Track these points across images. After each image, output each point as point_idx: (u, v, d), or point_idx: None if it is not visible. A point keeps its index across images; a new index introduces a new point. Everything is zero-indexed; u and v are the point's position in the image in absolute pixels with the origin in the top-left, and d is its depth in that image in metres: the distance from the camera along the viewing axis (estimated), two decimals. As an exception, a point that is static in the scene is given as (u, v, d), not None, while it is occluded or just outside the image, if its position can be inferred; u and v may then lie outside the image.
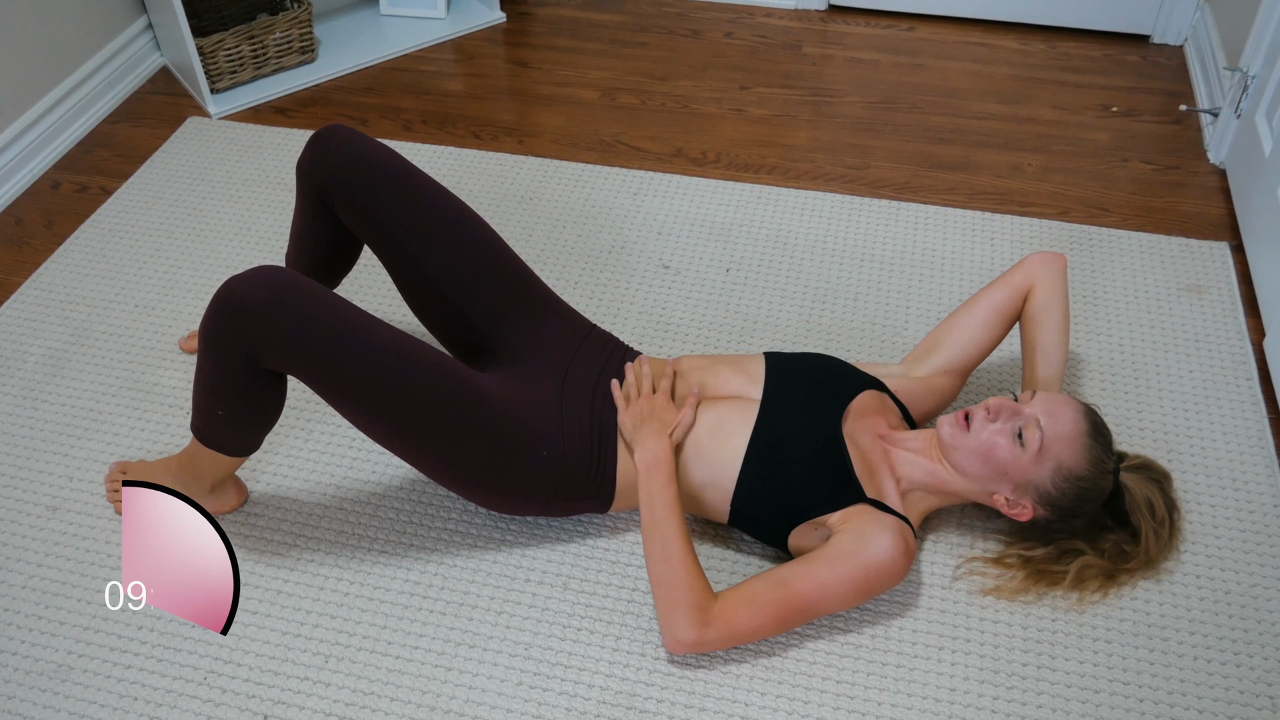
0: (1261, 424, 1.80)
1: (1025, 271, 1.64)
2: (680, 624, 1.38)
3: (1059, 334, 1.62)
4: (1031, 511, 1.47)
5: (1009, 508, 1.48)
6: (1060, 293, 1.63)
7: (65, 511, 1.68)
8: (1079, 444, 1.42)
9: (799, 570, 1.40)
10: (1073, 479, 1.43)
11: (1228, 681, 1.45)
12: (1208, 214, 2.27)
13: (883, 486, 1.48)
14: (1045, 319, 1.62)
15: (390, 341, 1.39)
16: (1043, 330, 1.62)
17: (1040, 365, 1.62)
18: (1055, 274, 1.63)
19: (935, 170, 2.41)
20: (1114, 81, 2.69)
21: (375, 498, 1.70)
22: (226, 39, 2.55)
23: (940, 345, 1.66)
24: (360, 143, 1.60)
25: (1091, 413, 1.46)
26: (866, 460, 1.49)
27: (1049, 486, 1.44)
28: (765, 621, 1.39)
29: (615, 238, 2.21)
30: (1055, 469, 1.42)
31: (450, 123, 2.58)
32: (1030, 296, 1.64)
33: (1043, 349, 1.62)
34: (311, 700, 1.44)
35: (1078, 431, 1.43)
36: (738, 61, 2.80)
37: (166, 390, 1.88)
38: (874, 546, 1.39)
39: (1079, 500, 1.45)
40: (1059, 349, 1.62)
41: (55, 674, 1.47)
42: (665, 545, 1.41)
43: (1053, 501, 1.45)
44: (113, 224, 2.26)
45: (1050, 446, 1.42)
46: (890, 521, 1.42)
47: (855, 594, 1.40)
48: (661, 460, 1.47)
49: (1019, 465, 1.43)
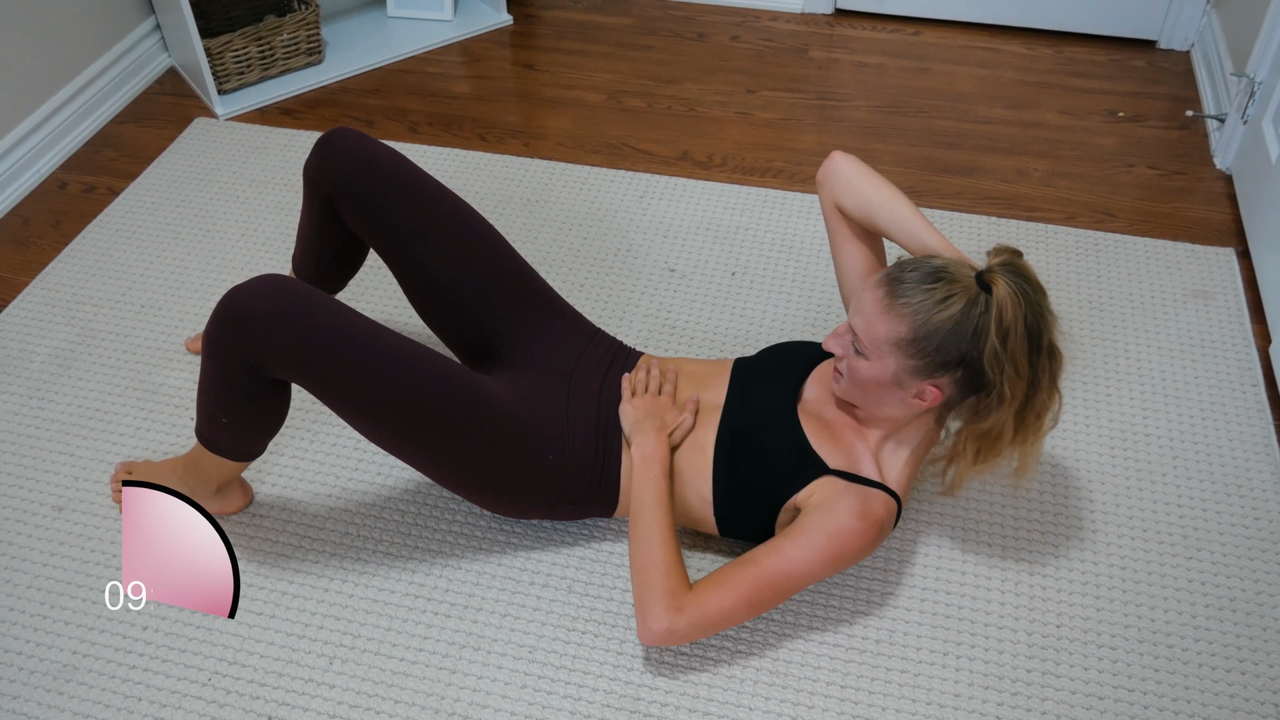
0: (1267, 430, 1.79)
1: (823, 194, 1.55)
2: (653, 611, 1.36)
3: (889, 206, 1.46)
4: (934, 390, 1.36)
5: (922, 401, 1.38)
6: (857, 179, 1.49)
7: (71, 511, 1.68)
8: (886, 314, 1.32)
9: (765, 548, 1.39)
10: (909, 342, 1.32)
11: (1232, 689, 1.45)
12: (1213, 220, 2.26)
13: (854, 454, 1.45)
14: (868, 210, 1.48)
15: (393, 348, 1.39)
16: (877, 218, 1.48)
17: (905, 240, 1.45)
18: (842, 170, 1.51)
19: (941, 174, 2.41)
20: (1120, 87, 2.69)
21: (380, 500, 1.70)
22: (234, 40, 2.56)
23: (847, 298, 1.59)
24: (367, 146, 1.60)
25: (890, 273, 1.35)
26: (830, 430, 1.47)
27: (907, 362, 1.34)
28: (735, 602, 1.37)
29: (621, 241, 2.22)
30: (892, 348, 1.33)
31: (456, 125, 2.58)
32: (841, 206, 1.52)
33: (890, 229, 1.47)
34: (315, 702, 1.44)
35: (878, 305, 1.33)
36: (744, 65, 2.81)
37: (172, 390, 1.88)
38: (836, 513, 1.38)
39: (943, 349, 1.31)
40: (901, 215, 1.45)
41: (60, 674, 1.47)
42: (649, 532, 1.41)
43: (929, 370, 1.33)
44: (119, 224, 2.26)
45: (870, 338, 1.34)
46: (855, 489, 1.40)
47: (822, 564, 1.38)
48: (658, 455, 1.47)
49: (874, 372, 1.36)
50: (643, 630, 1.38)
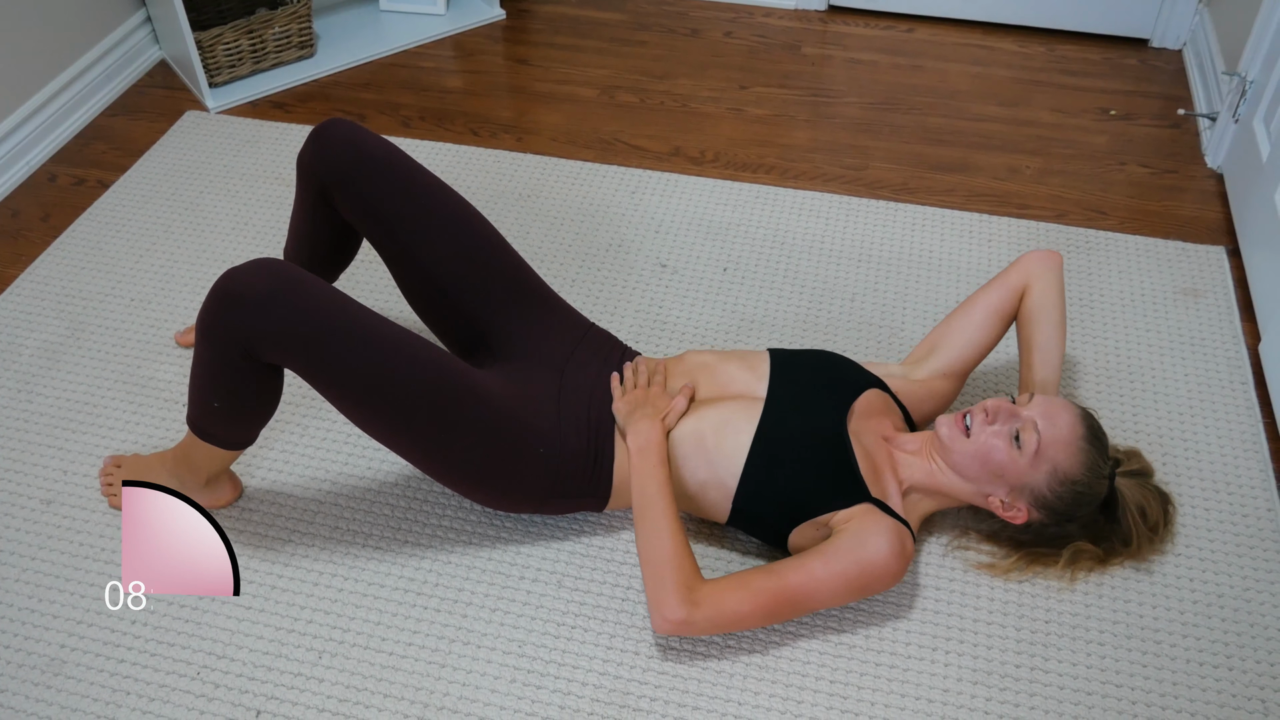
0: (1256, 428, 1.80)
1: (1021, 271, 1.64)
2: (669, 602, 1.37)
3: (1055, 333, 1.62)
4: (1026, 515, 1.47)
5: (1004, 510, 1.48)
6: (1056, 291, 1.62)
7: (59, 505, 1.68)
8: (1075, 448, 1.42)
9: (794, 562, 1.40)
10: (1068, 483, 1.43)
11: (1220, 684, 1.46)
12: (1205, 218, 2.27)
13: (886, 487, 1.48)
14: (1041, 318, 1.62)
15: (388, 336, 1.38)
16: (1039, 330, 1.62)
17: (1037, 365, 1.62)
18: (1051, 272, 1.63)
19: (933, 171, 2.41)
20: (1112, 85, 2.69)
21: (370, 494, 1.70)
22: (225, 33, 2.55)
23: (939, 347, 1.66)
24: (362, 137, 1.60)
25: (1089, 417, 1.46)
26: (871, 460, 1.49)
27: (1044, 490, 1.44)
28: (754, 609, 1.38)
29: (613, 236, 2.21)
30: (1051, 473, 1.43)
31: (449, 119, 2.58)
32: (1026, 296, 1.63)
33: (1039, 349, 1.62)
34: (305, 696, 1.44)
35: (1074, 436, 1.43)
36: (737, 61, 2.80)
37: (162, 384, 1.88)
38: (871, 546, 1.39)
39: (1074, 505, 1.45)
40: (1055, 348, 1.62)
41: (48, 668, 1.47)
42: (656, 524, 1.41)
43: (1048, 505, 1.45)
44: (109, 217, 2.25)
45: (1046, 450, 1.42)
46: (891, 523, 1.42)
47: (846, 591, 1.40)
48: (654, 443, 1.47)
49: (1015, 468, 1.43)
50: (657, 619, 1.38)
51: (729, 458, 1.49)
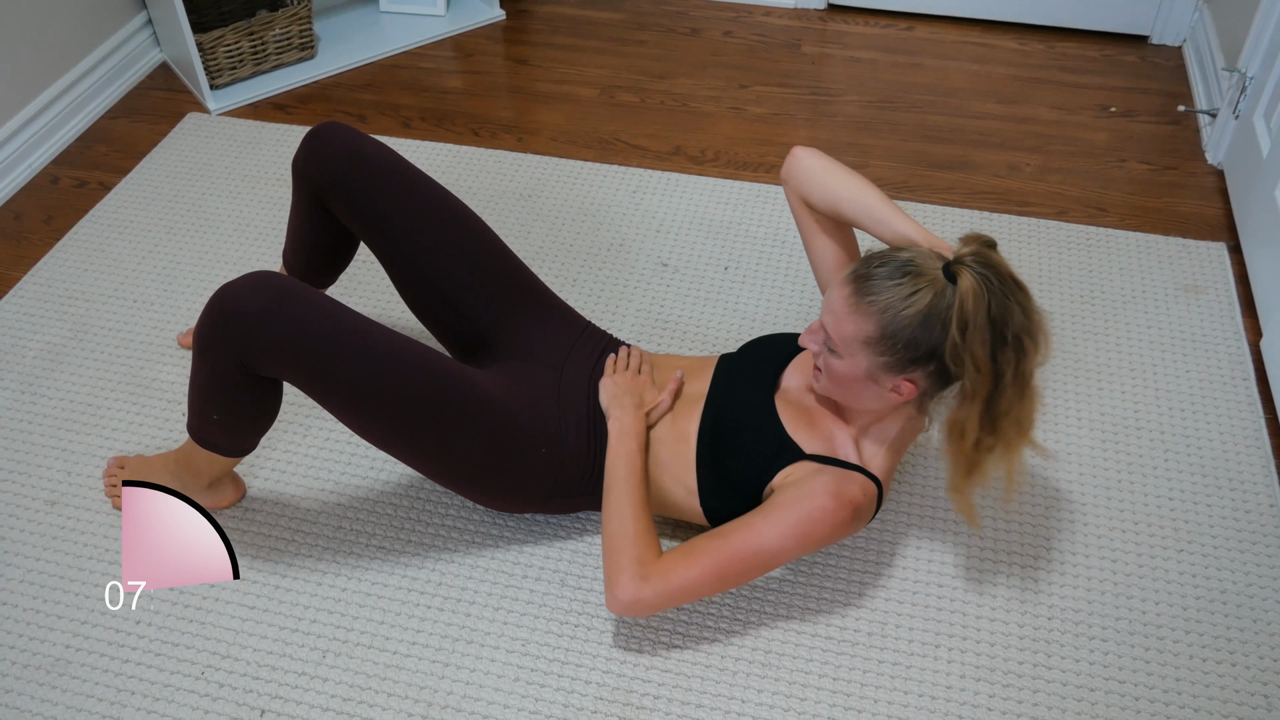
0: (1258, 424, 1.80)
1: (788, 192, 1.55)
2: (620, 580, 1.36)
3: (857, 197, 1.45)
4: (909, 384, 1.35)
5: (899, 396, 1.37)
6: (821, 173, 1.49)
7: (63, 506, 1.68)
8: (854, 312, 1.31)
9: (737, 522, 1.39)
10: (878, 339, 1.31)
11: (1223, 681, 1.46)
12: (1205, 214, 2.27)
13: (833, 440, 1.45)
14: (835, 203, 1.47)
15: (385, 344, 1.38)
16: (845, 210, 1.47)
17: (878, 229, 1.44)
18: (805, 165, 1.50)
19: (933, 169, 2.41)
20: (1112, 82, 2.69)
21: (373, 494, 1.70)
22: (226, 35, 2.55)
23: (824, 284, 1.58)
24: (356, 140, 1.60)
25: (857, 269, 1.33)
26: (809, 416, 1.46)
27: (878, 358, 1.33)
28: (703, 574, 1.36)
29: (614, 235, 2.22)
30: (862, 346, 1.32)
31: (449, 120, 2.58)
32: (809, 201, 1.52)
33: (862, 219, 1.45)
34: (309, 695, 1.44)
35: (845, 304, 1.32)
36: (737, 60, 2.81)
37: (165, 385, 1.88)
38: (808, 495, 1.37)
39: (911, 344, 1.29)
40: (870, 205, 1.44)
41: (53, 668, 1.47)
42: (621, 503, 1.42)
43: (901, 365, 1.32)
44: (111, 219, 2.26)
45: (840, 336, 1.33)
46: (833, 471, 1.40)
47: (794, 540, 1.36)
48: (633, 430, 1.48)
49: (846, 367, 1.35)
50: (610, 599, 1.37)
51: (683, 462, 1.50)
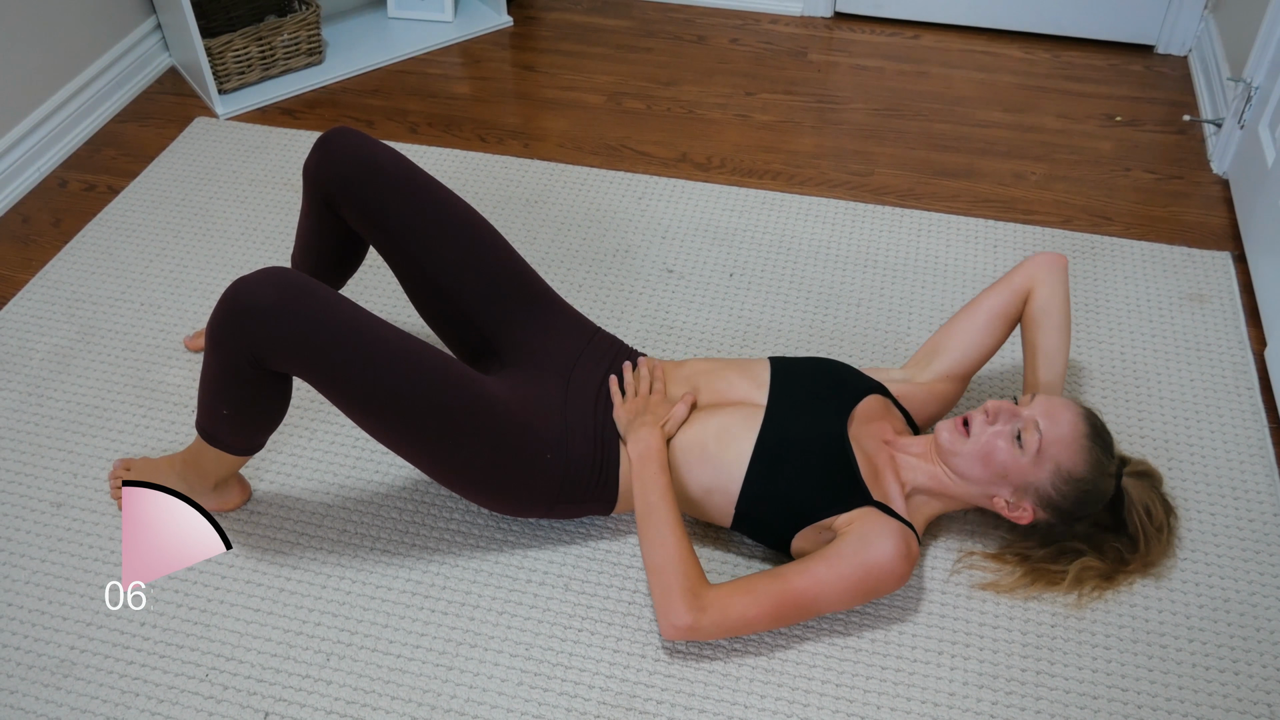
0: (1262, 433, 1.80)
1: (1025, 273, 1.65)
2: (675, 608, 1.38)
3: (1060, 337, 1.62)
4: (1032, 514, 1.47)
5: (1009, 510, 1.48)
6: (1061, 294, 1.63)
7: (69, 508, 1.69)
8: (1078, 445, 1.43)
9: (799, 566, 1.41)
10: (1072, 481, 1.43)
11: (1225, 689, 1.46)
12: (1210, 224, 2.27)
13: (888, 491, 1.49)
14: (1046, 322, 1.62)
15: (396, 344, 1.39)
16: (1043, 333, 1.62)
17: (1042, 369, 1.62)
18: (1056, 275, 1.63)
19: (939, 177, 2.41)
20: (1118, 91, 2.70)
21: (378, 497, 1.70)
22: (235, 40, 2.56)
23: (941, 350, 1.66)
24: (367, 145, 1.61)
25: (1092, 416, 1.47)
26: (872, 464, 1.49)
27: (1049, 489, 1.44)
28: (760, 613, 1.39)
29: (619, 241, 2.22)
30: (1054, 471, 1.43)
31: (456, 125, 2.59)
32: (1031, 299, 1.64)
33: (1044, 352, 1.62)
34: (313, 698, 1.44)
35: (1077, 434, 1.43)
36: (743, 67, 2.81)
37: (171, 388, 1.89)
38: (876, 548, 1.40)
39: (1079, 503, 1.46)
40: (1060, 352, 1.62)
41: (57, 669, 1.48)
42: (660, 530, 1.42)
43: (1053, 504, 1.46)
44: (119, 223, 2.27)
45: (1049, 448, 1.42)
46: (894, 525, 1.42)
47: (852, 594, 1.41)
48: (654, 450, 1.48)
49: (1018, 467, 1.44)
50: (665, 625, 1.39)
51: (731, 464, 1.49)
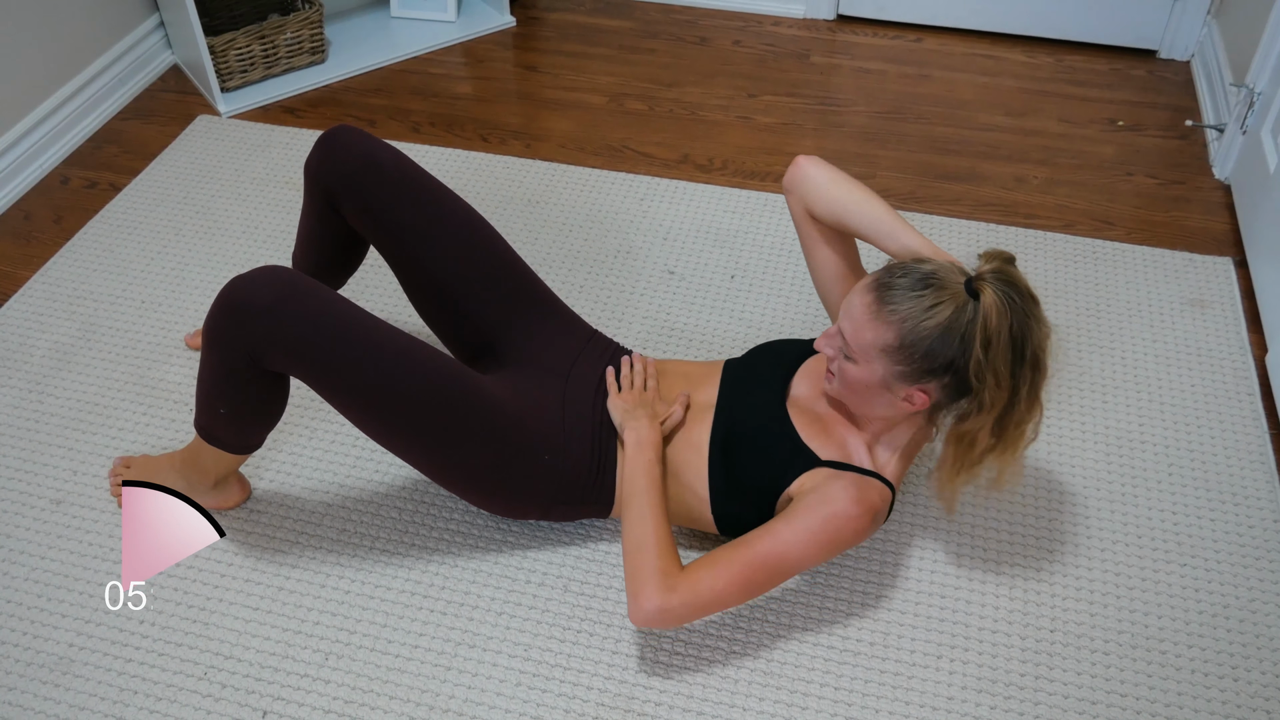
0: (1262, 439, 1.80)
1: (791, 201, 1.56)
2: (645, 590, 1.36)
3: (864, 209, 1.47)
4: (922, 394, 1.37)
5: (910, 405, 1.39)
6: (827, 183, 1.50)
7: (69, 505, 1.69)
8: (874, 320, 1.32)
9: (760, 531, 1.40)
10: (897, 348, 1.32)
11: (1225, 695, 1.46)
12: (1212, 229, 2.27)
13: (846, 446, 1.46)
14: (841, 214, 1.49)
15: (393, 343, 1.39)
16: (851, 222, 1.48)
17: (883, 242, 1.46)
18: (811, 174, 1.51)
19: (940, 181, 2.41)
20: (1120, 96, 2.70)
21: (378, 497, 1.70)
22: (237, 38, 2.56)
23: (826, 303, 1.61)
24: (369, 144, 1.61)
25: (879, 278, 1.34)
26: (822, 423, 1.47)
27: (894, 367, 1.34)
28: (729, 583, 1.37)
29: (621, 243, 2.22)
30: (879, 354, 1.33)
31: (458, 125, 2.59)
32: (813, 212, 1.53)
33: (867, 232, 1.47)
34: (311, 697, 1.44)
35: (866, 312, 1.33)
36: (745, 69, 2.81)
37: (172, 386, 1.89)
38: (829, 500, 1.38)
39: (929, 356, 1.31)
40: (878, 217, 1.46)
41: (56, 666, 1.48)
42: (641, 513, 1.42)
43: (918, 373, 1.33)
44: (121, 220, 2.27)
45: (858, 341, 1.34)
46: (850, 477, 1.41)
47: (818, 546, 1.38)
48: (650, 440, 1.48)
49: (862, 376, 1.37)
50: (634, 610, 1.37)
51: (694, 470, 1.50)
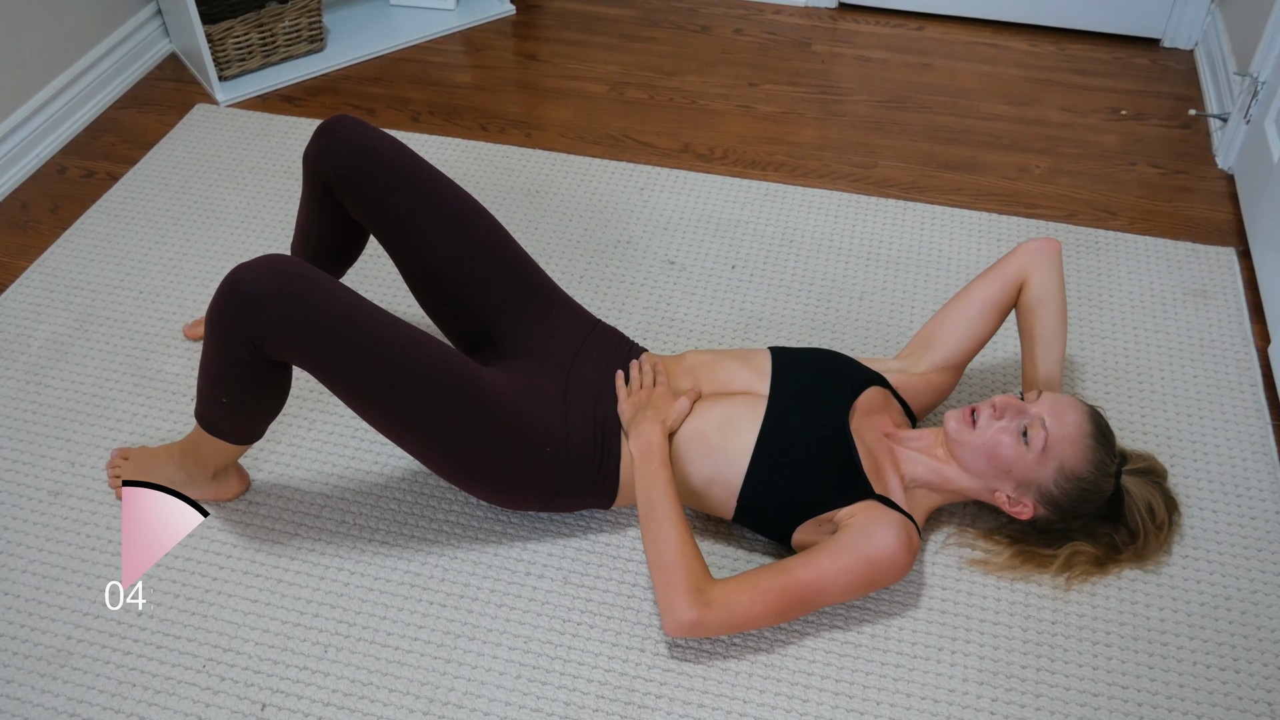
0: (1265, 430, 1.79)
1: (1019, 261, 1.63)
2: (679, 604, 1.37)
3: (1057, 325, 1.60)
4: (1033, 510, 1.47)
5: (1010, 505, 1.48)
6: (1056, 281, 1.60)
7: (66, 497, 1.68)
8: (1082, 444, 1.43)
9: (802, 560, 1.41)
10: (1075, 479, 1.43)
11: (1226, 687, 1.45)
12: (1215, 219, 2.26)
13: (888, 483, 1.48)
14: (1042, 310, 1.60)
15: (396, 334, 1.39)
16: (1040, 321, 1.61)
17: (1040, 359, 1.61)
18: (1050, 261, 1.61)
19: (942, 170, 2.40)
20: (1123, 85, 2.68)
21: (377, 488, 1.70)
22: (235, 26, 2.55)
23: (935, 340, 1.65)
24: (368, 134, 1.60)
25: (1096, 415, 1.47)
26: (873, 457, 1.49)
27: (1051, 486, 1.44)
28: (765, 608, 1.39)
29: (621, 232, 2.21)
30: (1058, 469, 1.43)
31: (458, 114, 2.58)
32: (1025, 287, 1.62)
33: (1041, 342, 1.61)
34: (310, 690, 1.44)
35: (1081, 433, 1.43)
36: (746, 58, 2.80)
37: (169, 377, 1.88)
38: (877, 540, 1.40)
39: (1080, 501, 1.46)
40: (1057, 340, 1.61)
41: (54, 659, 1.47)
42: (661, 526, 1.42)
43: (1054, 501, 1.46)
44: (118, 210, 2.26)
45: (1054, 446, 1.42)
46: (896, 517, 1.42)
47: (855, 586, 1.41)
48: (655, 446, 1.48)
49: (1022, 463, 1.43)
50: (669, 621, 1.38)
51: (733, 456, 1.49)
